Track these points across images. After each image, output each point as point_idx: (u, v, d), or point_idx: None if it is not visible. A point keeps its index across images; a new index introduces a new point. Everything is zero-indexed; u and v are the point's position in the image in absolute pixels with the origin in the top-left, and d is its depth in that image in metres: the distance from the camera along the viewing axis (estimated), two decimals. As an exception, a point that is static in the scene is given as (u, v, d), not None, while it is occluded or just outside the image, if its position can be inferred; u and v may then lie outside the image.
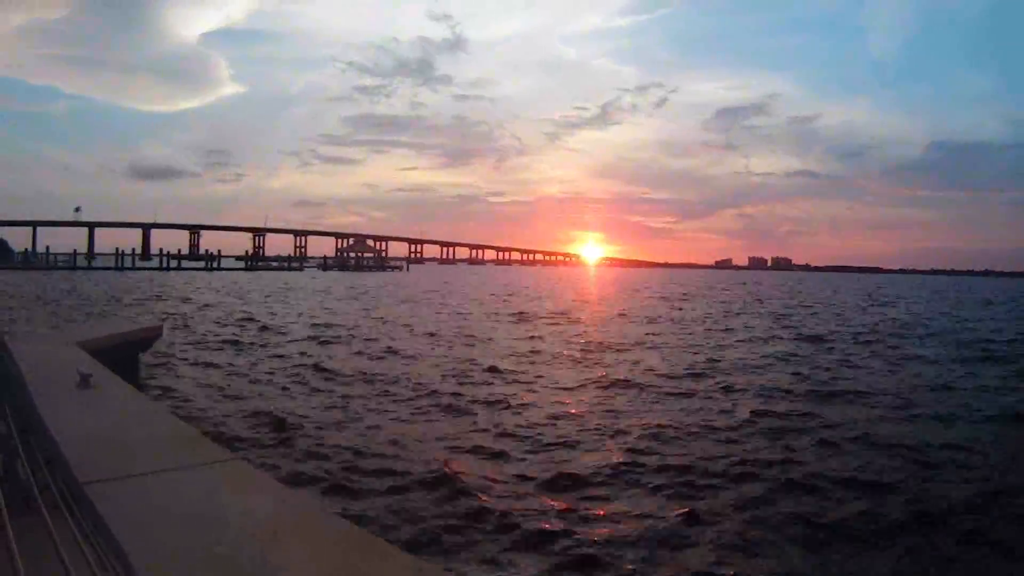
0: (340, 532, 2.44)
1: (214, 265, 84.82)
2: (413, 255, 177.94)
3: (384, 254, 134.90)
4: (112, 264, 76.42)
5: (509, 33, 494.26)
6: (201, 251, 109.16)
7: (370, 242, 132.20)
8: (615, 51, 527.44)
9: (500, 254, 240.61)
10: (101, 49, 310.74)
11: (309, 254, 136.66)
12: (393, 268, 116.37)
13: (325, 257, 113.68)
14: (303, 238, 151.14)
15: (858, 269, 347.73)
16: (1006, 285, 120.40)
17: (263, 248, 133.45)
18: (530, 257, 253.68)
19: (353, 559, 2.19)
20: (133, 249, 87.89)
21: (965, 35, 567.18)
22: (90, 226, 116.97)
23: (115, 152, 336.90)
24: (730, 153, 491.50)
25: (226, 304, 28.26)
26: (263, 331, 18.14)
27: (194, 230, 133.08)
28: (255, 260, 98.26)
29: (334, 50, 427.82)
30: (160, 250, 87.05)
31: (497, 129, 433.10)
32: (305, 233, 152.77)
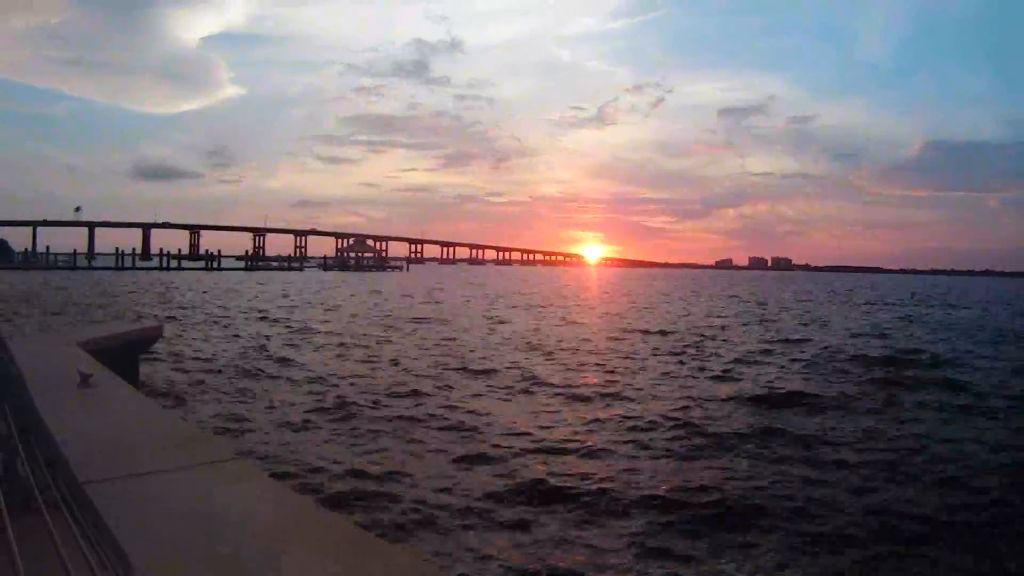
0: (341, 532, 2.43)
1: (214, 265, 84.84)
2: (413, 255, 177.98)
3: (384, 254, 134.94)
4: (112, 264, 76.47)
5: (505, 36, 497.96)
6: (201, 251, 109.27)
7: (370, 242, 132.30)
8: (610, 53, 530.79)
9: (500, 254, 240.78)
10: (103, 52, 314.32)
11: (309, 254, 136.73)
12: (393, 268, 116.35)
13: (325, 257, 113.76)
14: (303, 238, 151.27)
15: (858, 269, 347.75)
16: (1006, 285, 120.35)
17: (263, 248, 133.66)
18: (530, 257, 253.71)
19: (354, 559, 2.19)
20: (133, 249, 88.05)
21: (961, 36, 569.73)
22: (90, 226, 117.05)
23: (117, 153, 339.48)
24: (728, 153, 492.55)
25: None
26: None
27: (194, 230, 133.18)
28: (255, 260, 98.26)
29: (332, 53, 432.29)
30: (160, 250, 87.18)
31: (495, 130, 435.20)
32: (305, 233, 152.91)
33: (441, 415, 8.56)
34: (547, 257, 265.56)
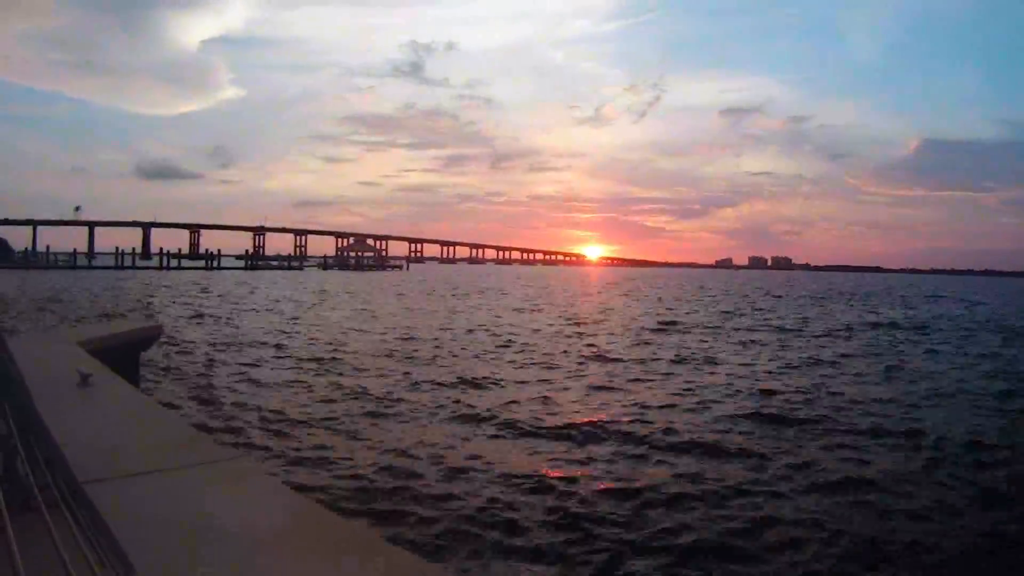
0: (341, 531, 2.43)
1: (214, 264, 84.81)
2: (413, 254, 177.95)
3: (384, 253, 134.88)
4: (112, 263, 76.43)
5: (502, 38, 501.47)
6: (201, 250, 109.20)
7: (370, 241, 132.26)
8: (607, 54, 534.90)
9: (500, 253, 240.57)
10: (104, 55, 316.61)
11: (309, 253, 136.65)
12: (393, 267, 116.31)
13: (325, 257, 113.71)
14: (303, 237, 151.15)
15: (858, 268, 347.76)
16: (1006, 285, 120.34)
17: (263, 247, 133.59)
18: (530, 257, 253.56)
19: (354, 559, 2.18)
20: (133, 249, 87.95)
21: (954, 36, 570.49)
22: (90, 225, 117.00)
23: (117, 154, 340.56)
24: (727, 153, 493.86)
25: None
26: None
27: (194, 229, 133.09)
28: (255, 259, 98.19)
29: (330, 56, 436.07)
30: (160, 249, 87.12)
31: (494, 130, 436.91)
32: (305, 232, 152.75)
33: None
34: (547, 256, 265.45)
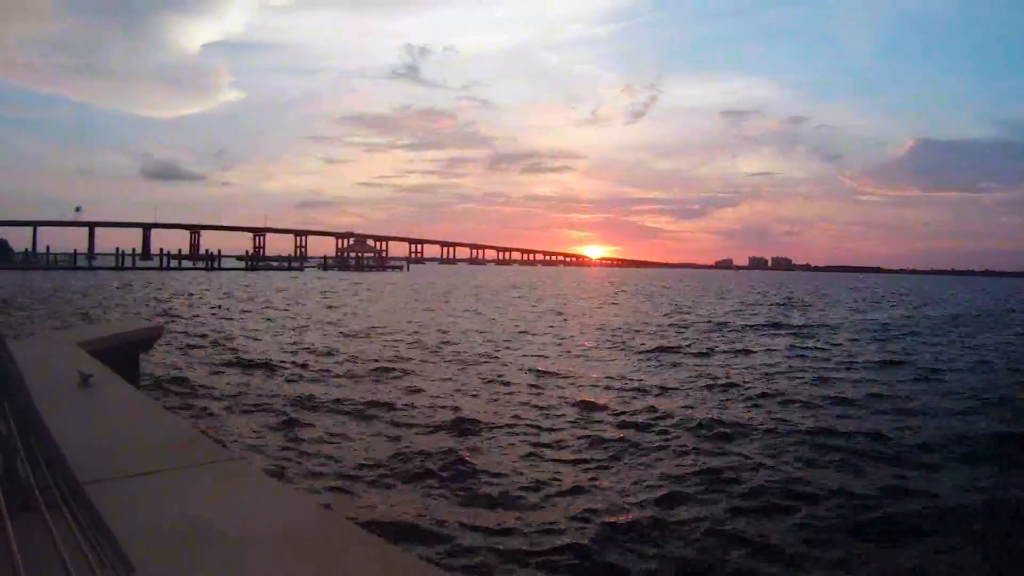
0: (341, 531, 2.43)
1: (214, 265, 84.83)
2: (413, 255, 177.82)
3: (384, 254, 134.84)
4: (112, 264, 76.42)
5: (499, 42, 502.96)
6: (201, 251, 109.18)
7: (370, 242, 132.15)
8: (604, 56, 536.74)
9: (500, 254, 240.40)
10: (106, 59, 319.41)
11: (309, 254, 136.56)
12: (393, 268, 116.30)
13: (325, 257, 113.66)
14: (303, 238, 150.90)
15: (858, 269, 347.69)
16: (1006, 285, 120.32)
17: (263, 248, 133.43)
18: (530, 257, 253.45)
19: (354, 558, 2.19)
20: (133, 249, 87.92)
21: (951, 37, 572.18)
22: (90, 226, 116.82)
23: (120, 156, 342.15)
24: (725, 154, 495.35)
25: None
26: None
27: (194, 230, 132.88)
28: (255, 260, 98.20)
29: (329, 60, 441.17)
30: (160, 250, 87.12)
31: (492, 131, 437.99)
32: (305, 233, 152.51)
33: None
34: (547, 257, 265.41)
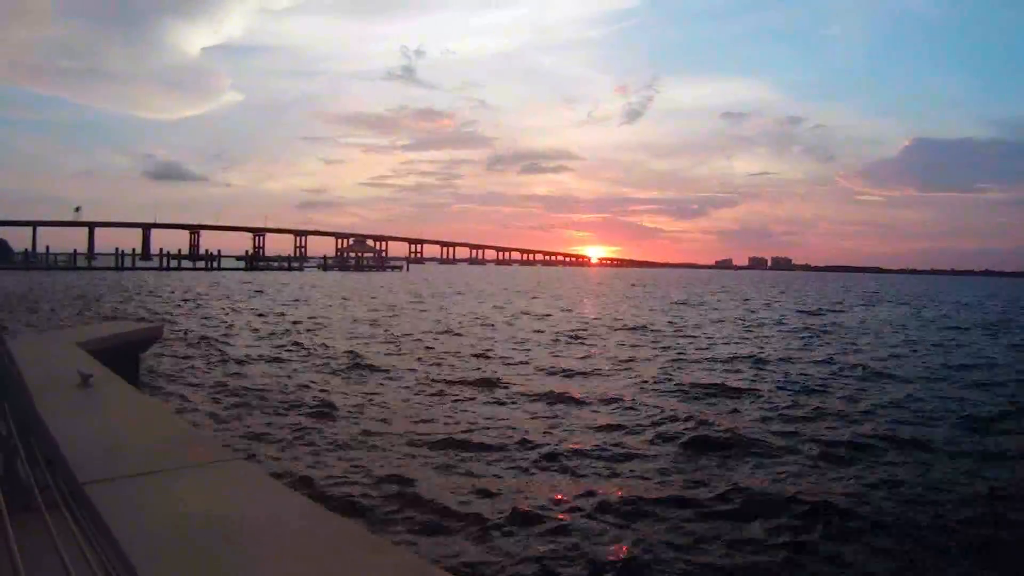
0: (341, 531, 2.43)
1: (214, 265, 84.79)
2: (413, 255, 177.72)
3: (384, 254, 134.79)
4: (112, 264, 76.37)
5: (498, 45, 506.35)
6: (201, 251, 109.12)
7: (370, 242, 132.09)
8: (601, 58, 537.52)
9: (500, 254, 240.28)
10: (108, 62, 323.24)
11: (309, 254, 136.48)
12: (393, 268, 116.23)
13: (325, 257, 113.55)
14: (303, 238, 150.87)
15: (858, 269, 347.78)
16: (1006, 285, 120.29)
17: (263, 248, 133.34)
18: (530, 257, 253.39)
19: (354, 558, 2.18)
20: (133, 249, 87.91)
21: (941, 38, 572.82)
22: (90, 226, 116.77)
23: (122, 158, 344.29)
24: (723, 155, 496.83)
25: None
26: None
27: (194, 230, 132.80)
28: (255, 260, 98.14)
29: (327, 63, 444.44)
30: (160, 250, 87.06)
31: (490, 132, 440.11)
32: (305, 233, 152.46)
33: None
34: (547, 257, 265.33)
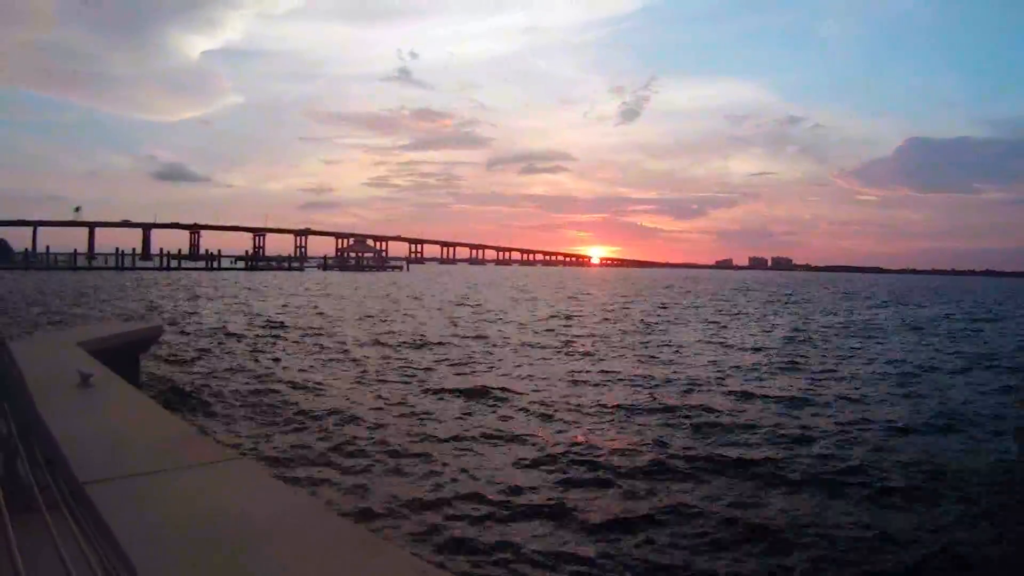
0: (341, 531, 2.43)
1: (214, 265, 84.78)
2: (413, 255, 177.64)
3: (384, 254, 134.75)
4: (112, 264, 76.36)
5: (496, 47, 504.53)
6: (201, 251, 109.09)
7: (370, 242, 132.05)
8: (600, 60, 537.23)
9: (500, 254, 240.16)
10: (110, 66, 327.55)
11: (309, 254, 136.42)
12: (393, 268, 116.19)
13: (325, 257, 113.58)
14: (303, 238, 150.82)
15: (859, 269, 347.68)
16: (1006, 285, 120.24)
17: (263, 248, 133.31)
18: (531, 257, 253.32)
19: (354, 558, 2.18)
20: (133, 249, 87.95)
21: (936, 39, 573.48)
22: (90, 226, 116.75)
23: (125, 159, 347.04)
24: (721, 155, 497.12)
25: None
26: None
27: (194, 230, 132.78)
28: (255, 260, 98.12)
29: (327, 66, 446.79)
30: (160, 250, 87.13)
31: (489, 133, 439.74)
32: (305, 233, 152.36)
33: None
34: (548, 257, 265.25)
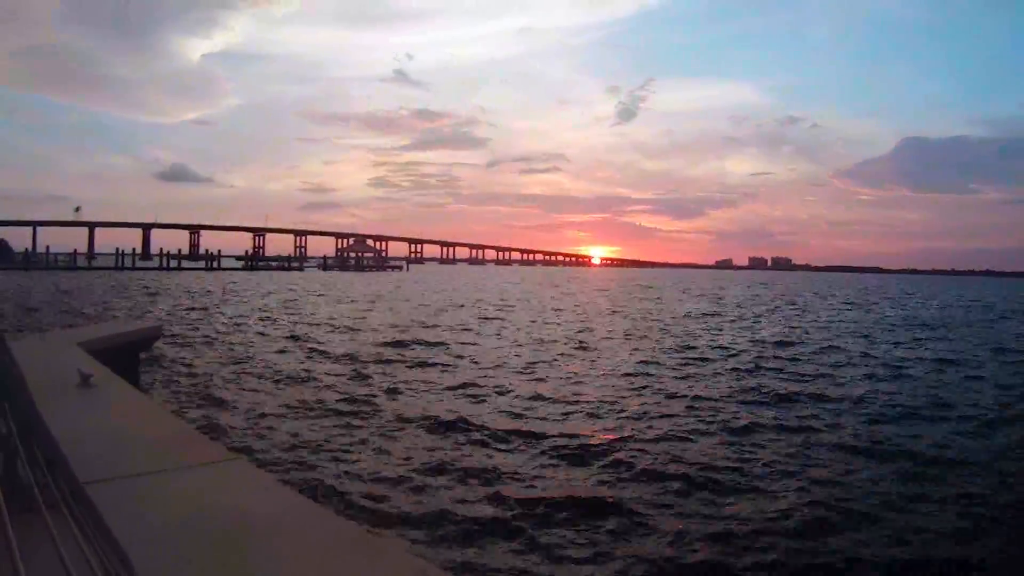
0: (341, 531, 2.43)
1: (214, 265, 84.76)
2: (413, 255, 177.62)
3: (384, 254, 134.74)
4: (112, 264, 76.32)
5: (492, 48, 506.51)
6: (201, 251, 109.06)
7: (370, 242, 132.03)
8: (593, 61, 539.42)
9: (500, 254, 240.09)
10: (112, 68, 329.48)
11: (309, 254, 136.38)
12: (393, 268, 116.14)
13: (325, 257, 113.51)
14: (303, 238, 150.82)
15: (859, 269, 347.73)
16: (1006, 285, 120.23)
17: (263, 248, 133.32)
18: (531, 257, 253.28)
19: (354, 558, 2.18)
20: (133, 249, 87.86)
21: (931, 39, 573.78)
22: (90, 226, 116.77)
23: (127, 160, 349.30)
24: (717, 156, 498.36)
25: None
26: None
27: (194, 230, 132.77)
28: (255, 260, 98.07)
29: (326, 68, 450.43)
30: (160, 250, 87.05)
31: (488, 133, 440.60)
32: (305, 233, 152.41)
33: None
34: (548, 257, 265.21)
